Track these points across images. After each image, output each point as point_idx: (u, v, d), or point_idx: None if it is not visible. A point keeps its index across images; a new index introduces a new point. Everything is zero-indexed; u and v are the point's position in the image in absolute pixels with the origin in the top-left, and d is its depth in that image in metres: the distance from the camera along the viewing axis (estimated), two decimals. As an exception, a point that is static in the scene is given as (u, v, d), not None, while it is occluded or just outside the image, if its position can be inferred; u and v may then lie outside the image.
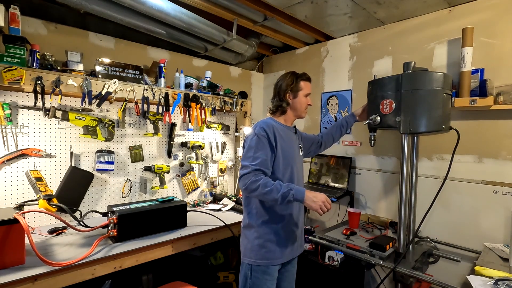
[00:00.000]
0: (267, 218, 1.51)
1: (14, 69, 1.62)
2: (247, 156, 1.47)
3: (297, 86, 1.60)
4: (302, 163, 1.73)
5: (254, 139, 1.48)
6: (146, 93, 2.20)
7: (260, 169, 1.43)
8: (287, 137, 1.60)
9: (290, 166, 1.56)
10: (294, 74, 1.63)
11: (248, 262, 1.51)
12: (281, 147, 1.53)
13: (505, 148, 1.80)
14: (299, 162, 1.67)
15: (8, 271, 1.31)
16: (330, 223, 2.63)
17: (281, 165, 1.53)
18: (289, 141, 1.60)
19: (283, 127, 1.61)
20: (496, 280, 1.25)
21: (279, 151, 1.51)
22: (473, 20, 1.91)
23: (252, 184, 1.39)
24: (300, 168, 1.69)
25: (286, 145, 1.56)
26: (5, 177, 1.76)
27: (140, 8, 1.96)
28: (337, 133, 1.94)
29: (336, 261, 1.79)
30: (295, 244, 1.61)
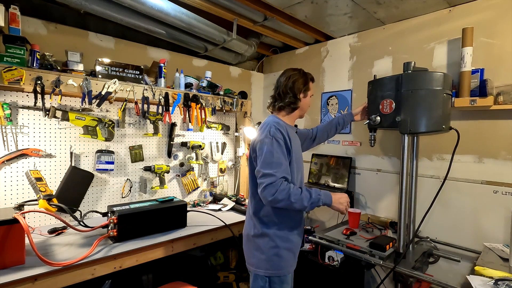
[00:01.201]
0: (282, 225, 1.44)
1: (14, 69, 1.62)
2: (267, 162, 1.34)
3: (308, 86, 1.57)
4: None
5: (273, 142, 1.36)
6: (146, 93, 2.20)
7: (285, 176, 1.34)
8: (295, 138, 1.55)
9: (300, 169, 1.54)
10: (305, 73, 1.58)
11: (264, 274, 1.41)
12: (294, 150, 1.46)
13: (505, 148, 1.80)
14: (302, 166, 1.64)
15: (8, 271, 1.31)
16: (330, 223, 2.63)
17: (295, 169, 1.47)
18: (297, 143, 1.57)
19: (290, 127, 1.54)
20: (496, 280, 1.25)
21: (293, 154, 1.45)
22: (473, 20, 1.91)
23: (280, 194, 1.29)
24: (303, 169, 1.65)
25: (296, 147, 1.52)
26: (5, 177, 1.76)
27: (140, 8, 1.96)
28: (332, 130, 1.92)
29: (336, 261, 1.79)
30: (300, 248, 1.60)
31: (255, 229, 1.45)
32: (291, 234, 1.46)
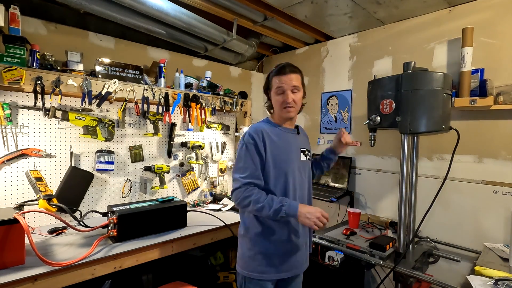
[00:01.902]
0: (260, 229, 1.39)
1: (14, 69, 1.62)
2: (237, 167, 1.38)
3: (270, 82, 1.44)
4: (307, 168, 1.52)
5: (243, 148, 1.37)
6: (146, 93, 2.20)
7: (251, 182, 1.33)
8: (282, 141, 1.42)
9: (283, 175, 1.38)
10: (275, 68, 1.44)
11: (240, 272, 1.42)
12: (271, 154, 1.37)
13: (505, 148, 1.80)
14: (300, 168, 1.45)
15: (8, 271, 1.31)
16: (330, 223, 2.62)
17: (272, 175, 1.37)
18: (284, 146, 1.42)
19: (279, 129, 1.45)
20: (496, 280, 1.25)
21: (269, 158, 1.36)
22: (473, 20, 1.91)
23: (244, 200, 1.32)
24: (304, 174, 1.48)
25: (278, 151, 1.39)
26: (5, 177, 1.76)
27: (140, 8, 1.96)
28: (318, 169, 1.72)
29: (336, 261, 1.79)
30: (294, 260, 1.42)
31: (239, 229, 1.50)
32: (272, 242, 1.38)
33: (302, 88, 1.46)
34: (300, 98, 1.44)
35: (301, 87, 1.44)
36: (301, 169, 1.47)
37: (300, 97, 1.44)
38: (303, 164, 1.48)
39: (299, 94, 1.42)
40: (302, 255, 1.46)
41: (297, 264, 1.44)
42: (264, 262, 1.37)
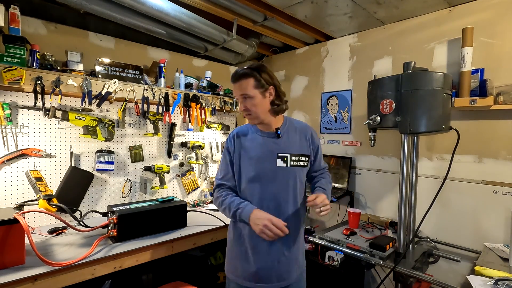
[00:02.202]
0: (232, 232, 1.41)
1: (14, 69, 1.62)
2: (218, 169, 1.46)
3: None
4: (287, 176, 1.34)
5: (223, 150, 1.44)
6: (146, 93, 2.20)
7: (223, 183, 1.38)
8: (255, 146, 1.35)
9: (251, 181, 1.32)
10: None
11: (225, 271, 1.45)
12: (241, 159, 1.34)
13: (505, 148, 1.80)
14: (274, 176, 1.32)
15: (8, 271, 1.31)
16: (330, 223, 2.63)
17: (242, 180, 1.35)
18: (255, 151, 1.34)
19: (256, 134, 1.38)
20: (496, 280, 1.25)
21: (238, 163, 1.35)
22: (473, 20, 1.91)
23: (216, 201, 1.39)
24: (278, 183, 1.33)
25: (247, 156, 1.34)
26: (5, 177, 1.76)
27: (140, 8, 1.96)
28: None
29: (336, 261, 1.79)
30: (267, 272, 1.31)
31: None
32: (235, 244, 1.38)
33: (261, 90, 1.29)
34: (254, 104, 1.29)
35: (254, 92, 1.29)
36: (278, 175, 1.33)
37: (254, 103, 1.29)
38: (281, 171, 1.33)
39: (250, 100, 1.29)
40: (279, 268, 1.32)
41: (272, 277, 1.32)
42: (237, 267, 1.36)
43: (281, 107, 1.36)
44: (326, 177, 1.51)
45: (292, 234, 1.33)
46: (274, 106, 1.33)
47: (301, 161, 1.38)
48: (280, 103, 1.34)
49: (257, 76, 1.29)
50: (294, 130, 1.42)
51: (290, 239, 1.35)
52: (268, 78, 1.31)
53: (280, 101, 1.34)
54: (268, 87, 1.31)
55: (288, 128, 1.41)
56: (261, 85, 1.29)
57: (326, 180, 1.48)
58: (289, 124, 1.42)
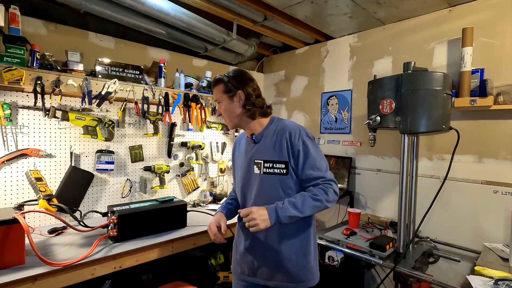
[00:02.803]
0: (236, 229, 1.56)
1: (14, 69, 1.62)
2: None
3: None
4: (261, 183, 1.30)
5: None
6: (146, 93, 2.20)
7: (233, 188, 1.56)
8: (241, 152, 1.44)
9: (241, 188, 1.41)
10: None
11: None
12: (234, 164, 1.52)
13: (505, 148, 1.80)
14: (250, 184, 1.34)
15: (8, 271, 1.31)
16: (330, 223, 2.63)
17: (236, 186, 1.49)
18: (240, 157, 1.43)
19: (245, 139, 1.43)
20: (496, 280, 1.25)
21: (233, 168, 1.54)
22: (473, 20, 1.91)
23: None
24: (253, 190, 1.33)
25: (237, 162, 1.46)
26: (5, 177, 1.76)
27: (140, 8, 1.96)
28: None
29: (336, 261, 1.79)
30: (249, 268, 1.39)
31: None
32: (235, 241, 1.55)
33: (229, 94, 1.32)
34: (225, 109, 1.34)
35: (223, 97, 1.34)
36: (255, 183, 1.31)
37: (223, 108, 1.34)
38: (255, 178, 1.31)
39: (222, 105, 1.36)
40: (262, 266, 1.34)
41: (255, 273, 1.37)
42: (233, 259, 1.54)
43: (253, 111, 1.32)
44: (313, 190, 1.24)
45: (274, 242, 1.31)
46: (245, 110, 1.32)
47: (276, 168, 1.27)
48: (250, 107, 1.31)
49: (226, 81, 1.33)
50: (274, 133, 1.31)
51: (272, 246, 1.31)
52: (235, 83, 1.31)
53: (250, 105, 1.31)
54: (236, 91, 1.31)
55: (268, 132, 1.34)
56: (228, 90, 1.32)
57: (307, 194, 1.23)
58: (271, 128, 1.34)
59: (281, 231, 1.31)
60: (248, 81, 1.35)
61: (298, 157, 1.26)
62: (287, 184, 1.28)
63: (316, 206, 1.22)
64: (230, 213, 1.52)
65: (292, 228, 1.31)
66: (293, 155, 1.26)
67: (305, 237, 1.34)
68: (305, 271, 1.33)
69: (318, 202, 1.22)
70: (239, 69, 1.40)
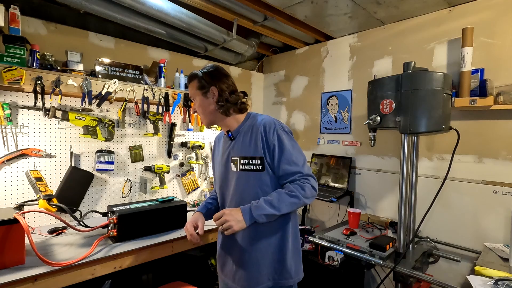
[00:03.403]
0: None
1: (14, 69, 1.61)
2: None
3: None
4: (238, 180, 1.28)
5: None
6: (146, 93, 2.20)
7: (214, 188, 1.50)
8: (220, 150, 1.43)
9: (219, 187, 1.40)
10: None
11: None
12: (213, 163, 1.51)
13: (505, 148, 1.80)
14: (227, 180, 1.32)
15: (8, 271, 1.30)
16: (330, 223, 2.63)
17: (215, 185, 1.46)
18: (219, 155, 1.42)
19: (224, 137, 1.43)
20: (496, 280, 1.25)
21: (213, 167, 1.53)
22: (473, 20, 1.91)
23: None
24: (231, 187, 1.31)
25: (216, 160, 1.46)
26: (5, 177, 1.76)
27: (140, 8, 1.96)
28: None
29: (336, 261, 1.79)
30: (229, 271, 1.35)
31: None
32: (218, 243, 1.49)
33: (202, 90, 1.30)
34: (198, 106, 1.33)
35: (197, 93, 1.32)
36: (232, 180, 1.30)
37: (198, 105, 1.33)
38: (232, 176, 1.30)
39: (196, 102, 1.34)
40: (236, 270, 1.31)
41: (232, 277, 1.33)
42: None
43: (227, 107, 1.30)
44: (289, 187, 1.21)
45: (249, 242, 1.28)
46: (219, 106, 1.30)
47: (251, 165, 1.25)
48: (223, 103, 1.29)
49: (199, 77, 1.31)
50: (250, 129, 1.30)
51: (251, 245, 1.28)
52: (208, 79, 1.29)
53: (223, 101, 1.29)
54: (209, 87, 1.29)
55: (244, 128, 1.32)
56: (202, 86, 1.30)
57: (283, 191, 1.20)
58: (248, 123, 1.33)
59: (256, 230, 1.26)
60: (222, 76, 1.31)
61: (273, 152, 1.23)
62: (264, 181, 1.25)
63: (293, 202, 1.19)
64: (210, 212, 1.44)
65: (267, 226, 1.25)
66: (268, 150, 1.24)
67: (282, 235, 1.29)
68: (282, 270, 1.28)
69: (295, 198, 1.18)
70: (214, 64, 1.37)
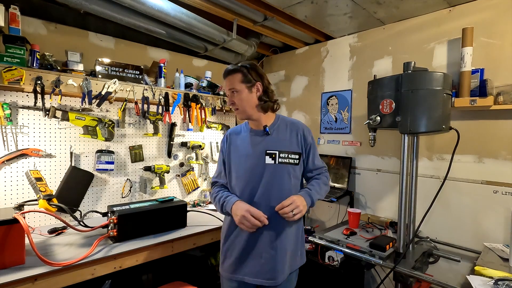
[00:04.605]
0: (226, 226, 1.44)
1: (14, 69, 1.62)
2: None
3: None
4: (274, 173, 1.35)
5: (220, 150, 1.52)
6: (146, 93, 2.20)
7: (217, 181, 1.48)
8: (245, 144, 1.42)
9: (239, 179, 1.38)
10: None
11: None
12: (231, 157, 1.42)
13: (505, 148, 1.80)
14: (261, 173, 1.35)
15: (8, 271, 1.31)
16: (330, 223, 2.63)
17: (233, 177, 1.41)
18: (245, 149, 1.40)
19: (248, 132, 1.45)
20: (496, 280, 1.25)
21: (229, 161, 1.43)
22: (473, 20, 1.91)
23: (211, 198, 1.46)
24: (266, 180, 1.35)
25: (237, 154, 1.42)
26: (5, 177, 1.76)
27: (140, 8, 1.96)
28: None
29: (336, 261, 1.79)
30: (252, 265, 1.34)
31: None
32: (225, 238, 1.45)
33: (247, 84, 1.35)
34: (240, 98, 1.36)
35: (241, 86, 1.35)
36: (266, 173, 1.35)
37: (241, 98, 1.36)
38: (270, 168, 1.35)
39: (238, 95, 1.36)
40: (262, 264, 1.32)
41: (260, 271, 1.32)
42: (223, 258, 1.43)
43: (269, 104, 1.39)
44: (322, 177, 1.48)
45: (280, 232, 1.34)
46: (261, 102, 1.38)
47: (290, 159, 1.38)
48: (267, 99, 1.38)
49: (245, 72, 1.35)
50: (285, 127, 1.44)
51: (278, 236, 1.34)
52: (255, 75, 1.36)
53: (267, 98, 1.38)
54: (255, 83, 1.36)
55: (279, 125, 1.44)
56: (247, 80, 1.35)
57: (320, 181, 1.46)
58: (281, 122, 1.46)
59: (281, 225, 1.35)
60: (264, 75, 1.42)
61: (309, 150, 1.46)
62: (296, 173, 1.41)
63: (327, 190, 1.50)
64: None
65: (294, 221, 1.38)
66: (305, 148, 1.44)
67: (299, 226, 1.46)
68: (297, 258, 1.45)
69: (327, 186, 1.50)
70: (252, 62, 1.45)
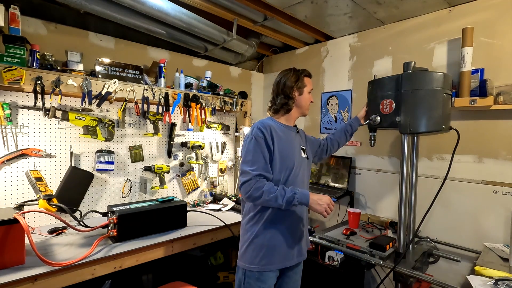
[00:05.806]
0: (265, 218, 1.43)
1: (14, 69, 1.62)
2: (246, 160, 1.41)
3: (302, 82, 1.54)
4: (305, 165, 1.58)
5: (252, 141, 1.41)
6: (146, 93, 2.20)
7: (261, 174, 1.37)
8: (287, 138, 1.51)
9: (287, 168, 1.46)
10: (296, 71, 1.56)
11: (242, 267, 1.44)
12: (278, 149, 1.44)
13: (505, 148, 1.80)
14: (300, 165, 1.53)
15: (8, 271, 1.31)
16: (330, 223, 2.63)
17: (277, 168, 1.44)
18: (288, 142, 1.51)
19: (283, 127, 1.53)
20: (496, 280, 1.25)
21: (276, 153, 1.43)
22: (473, 20, 1.91)
23: (255, 192, 1.34)
24: (303, 170, 1.55)
25: (284, 147, 1.47)
26: (5, 177, 1.76)
27: (140, 8, 1.96)
28: (342, 138, 1.86)
29: (336, 261, 1.79)
30: (296, 249, 1.50)
31: (242, 220, 1.55)
32: (276, 231, 1.43)
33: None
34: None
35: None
36: (301, 165, 1.55)
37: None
38: (302, 161, 1.56)
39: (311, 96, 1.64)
40: (302, 244, 1.55)
41: (301, 252, 1.54)
42: (268, 253, 1.41)
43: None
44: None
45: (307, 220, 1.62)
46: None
47: (309, 155, 1.65)
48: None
49: None
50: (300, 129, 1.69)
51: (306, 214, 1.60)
52: None
53: None
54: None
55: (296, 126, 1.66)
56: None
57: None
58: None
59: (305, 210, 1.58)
60: None
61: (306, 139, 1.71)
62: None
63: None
64: None
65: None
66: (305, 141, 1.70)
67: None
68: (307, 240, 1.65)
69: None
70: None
